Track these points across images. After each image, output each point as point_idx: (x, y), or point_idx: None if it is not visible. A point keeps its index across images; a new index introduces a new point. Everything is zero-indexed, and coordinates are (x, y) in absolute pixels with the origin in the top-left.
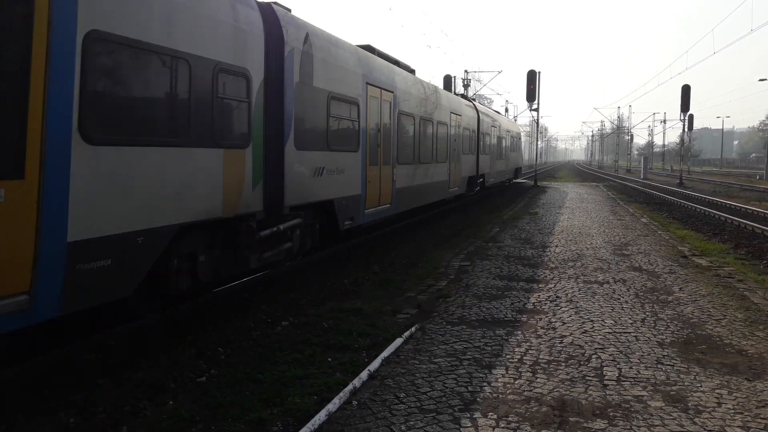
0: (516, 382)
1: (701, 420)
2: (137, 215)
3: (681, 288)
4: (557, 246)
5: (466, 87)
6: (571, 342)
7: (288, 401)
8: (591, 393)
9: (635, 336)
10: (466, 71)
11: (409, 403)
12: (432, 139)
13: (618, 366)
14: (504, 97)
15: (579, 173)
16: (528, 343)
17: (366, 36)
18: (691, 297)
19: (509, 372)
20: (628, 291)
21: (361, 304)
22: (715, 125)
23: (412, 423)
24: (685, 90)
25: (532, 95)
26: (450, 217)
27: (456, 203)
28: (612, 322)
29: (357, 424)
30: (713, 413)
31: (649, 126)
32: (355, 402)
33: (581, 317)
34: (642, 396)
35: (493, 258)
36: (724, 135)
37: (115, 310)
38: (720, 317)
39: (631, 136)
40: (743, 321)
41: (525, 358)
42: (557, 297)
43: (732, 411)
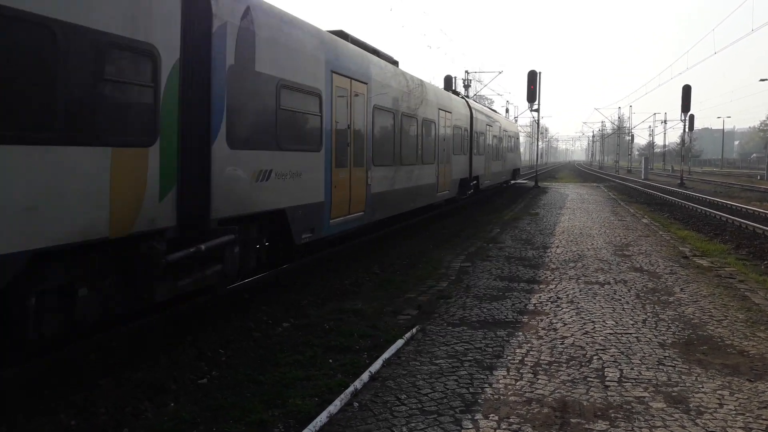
0: (517, 383)
1: (703, 421)
2: None
3: (682, 289)
4: (558, 247)
5: (466, 87)
6: (573, 343)
7: (289, 403)
8: (592, 394)
9: (636, 337)
10: (466, 72)
11: (411, 405)
12: (417, 138)
13: (619, 367)
14: (505, 98)
15: (580, 174)
16: (529, 344)
17: (366, 36)
18: (693, 298)
19: (510, 373)
20: (629, 292)
21: (362, 305)
22: (716, 125)
23: (413, 424)
24: (686, 90)
25: (532, 96)
26: (450, 218)
27: (456, 204)
28: (613, 322)
29: (358, 425)
30: (715, 414)
31: (650, 126)
32: (357, 403)
33: (582, 318)
34: (643, 397)
35: (494, 259)
36: (724, 135)
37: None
38: (721, 318)
39: (632, 136)
40: (744, 322)
41: (526, 359)
42: (558, 298)
43: (733, 412)
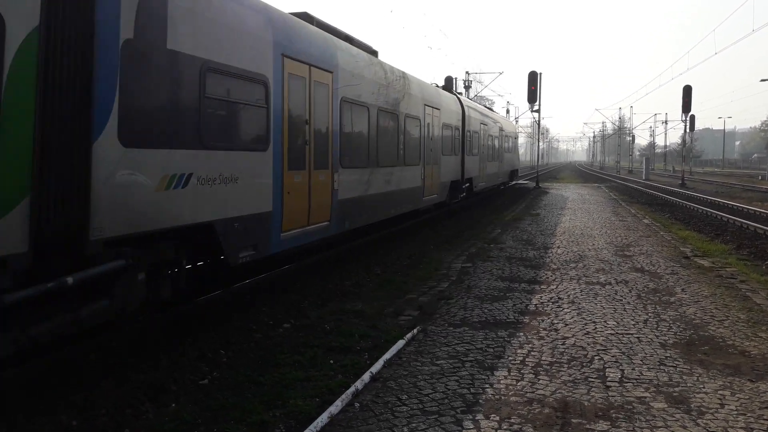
0: (518, 383)
1: (704, 421)
2: None
3: (683, 289)
4: (559, 247)
5: (467, 88)
6: (574, 343)
7: (290, 403)
8: (593, 394)
9: (637, 337)
10: (467, 72)
11: (412, 405)
12: (397, 137)
13: (620, 367)
14: (505, 99)
15: (580, 174)
16: (530, 345)
17: (366, 37)
18: (694, 298)
19: (511, 374)
20: (630, 292)
21: (363, 305)
22: (717, 126)
23: (414, 425)
24: (687, 90)
25: (533, 96)
26: (451, 219)
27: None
28: (614, 323)
29: (359, 426)
30: (716, 414)
31: (651, 127)
32: (357, 404)
33: (583, 318)
34: (645, 397)
35: (495, 259)
36: (725, 135)
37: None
38: (722, 318)
39: (633, 136)
40: (746, 322)
41: (527, 359)
42: (559, 298)
43: (735, 412)
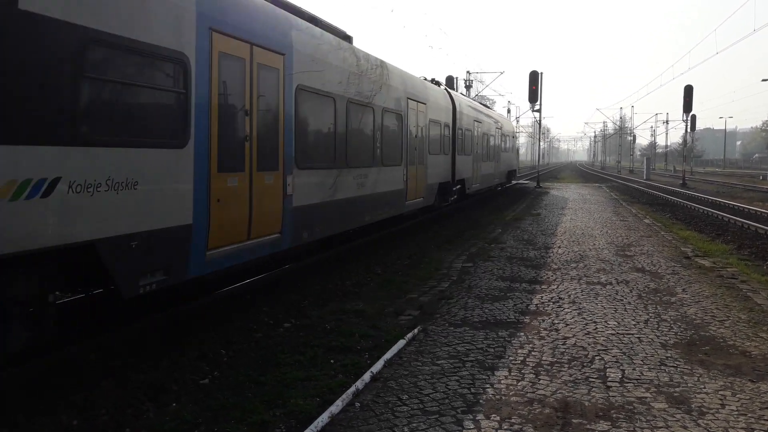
0: (519, 383)
1: (705, 422)
2: None
3: (684, 289)
4: (560, 247)
5: (468, 88)
6: (574, 343)
7: (290, 403)
8: (594, 395)
9: (638, 337)
10: (468, 72)
11: (412, 405)
12: (373, 134)
13: (621, 367)
14: (506, 98)
15: (581, 174)
16: (531, 345)
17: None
18: (695, 298)
19: (512, 374)
20: (631, 292)
21: (363, 305)
22: (718, 126)
23: (415, 425)
24: (688, 90)
25: (534, 96)
26: (452, 219)
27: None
28: (615, 323)
29: (360, 425)
30: (717, 415)
31: (652, 127)
32: (358, 404)
33: (584, 318)
34: (645, 398)
35: (496, 259)
36: (726, 135)
37: (116, 310)
38: (723, 318)
39: (634, 136)
40: (747, 322)
41: (528, 359)
42: (560, 298)
43: (736, 413)
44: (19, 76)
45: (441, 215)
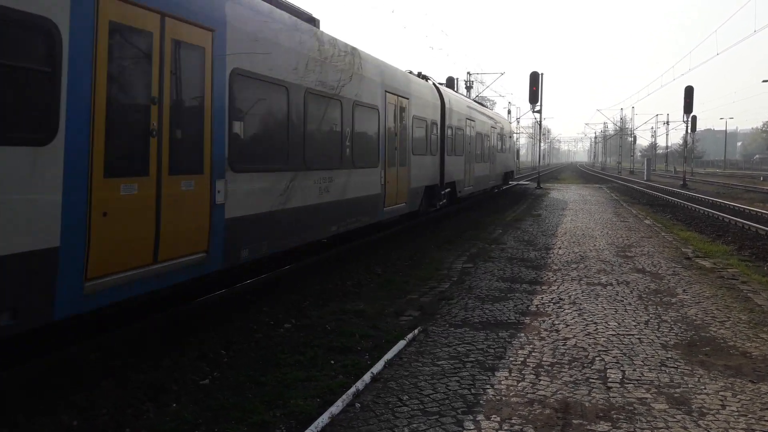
0: (519, 384)
1: (705, 422)
2: None
3: (684, 290)
4: (560, 248)
5: (468, 89)
6: (575, 344)
7: (291, 403)
8: (594, 395)
9: (639, 338)
10: (468, 73)
11: (412, 406)
12: (341, 131)
13: (621, 368)
14: (507, 99)
15: (582, 175)
16: (531, 346)
17: (367, 36)
18: (695, 299)
19: (512, 374)
20: (631, 293)
21: (364, 305)
22: (719, 126)
23: (415, 425)
24: (688, 91)
25: (534, 97)
26: (452, 219)
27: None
28: (615, 324)
29: (360, 426)
30: (717, 416)
31: (652, 128)
32: (358, 404)
33: (584, 319)
34: (646, 398)
35: (496, 260)
36: (727, 136)
37: (117, 310)
38: (724, 319)
39: (634, 137)
40: (747, 323)
41: (528, 360)
42: (560, 299)
43: (736, 413)
44: None
45: (441, 216)
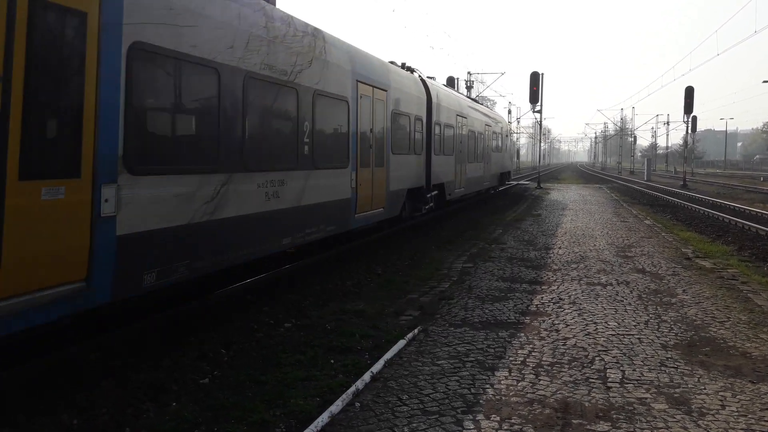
0: (519, 384)
1: (705, 422)
2: None
3: (684, 290)
4: (560, 248)
5: (469, 88)
6: (575, 344)
7: (291, 403)
8: (594, 395)
9: (638, 338)
10: (469, 73)
11: (412, 405)
12: (298, 125)
13: (621, 368)
14: (507, 99)
15: (582, 175)
16: (531, 345)
17: (367, 36)
18: (695, 299)
19: (512, 374)
20: (631, 293)
21: (364, 305)
22: (719, 127)
23: (414, 425)
24: (689, 91)
25: (535, 97)
26: (452, 219)
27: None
28: (615, 324)
29: (359, 425)
30: (717, 416)
31: (653, 128)
32: (358, 404)
33: (584, 319)
34: (645, 398)
35: (496, 260)
36: (727, 137)
37: (117, 310)
38: (724, 319)
39: (635, 137)
40: (747, 323)
41: (528, 360)
42: (560, 299)
43: (736, 413)
44: None
45: (441, 216)
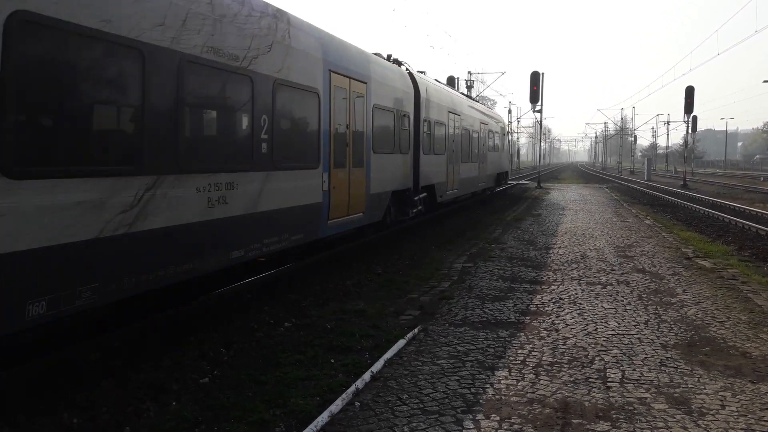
0: (519, 383)
1: (705, 422)
2: None
3: (684, 290)
4: (560, 248)
5: (469, 88)
6: (574, 344)
7: (290, 402)
8: (594, 395)
9: (638, 338)
10: (469, 72)
11: (412, 405)
12: (253, 119)
13: (621, 368)
14: (507, 99)
15: (582, 175)
16: (531, 345)
17: (368, 36)
18: (695, 299)
19: (512, 374)
20: (631, 293)
21: (364, 305)
22: (719, 127)
23: (414, 425)
24: (689, 91)
25: (535, 96)
26: (452, 219)
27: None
28: (615, 324)
29: (359, 425)
30: (717, 416)
31: (653, 127)
32: (358, 403)
33: (584, 319)
34: (645, 398)
35: (496, 259)
36: (728, 136)
37: (118, 310)
38: (724, 319)
39: (635, 137)
40: (747, 323)
41: (528, 359)
42: (560, 299)
43: (736, 413)
44: None
45: (442, 216)
